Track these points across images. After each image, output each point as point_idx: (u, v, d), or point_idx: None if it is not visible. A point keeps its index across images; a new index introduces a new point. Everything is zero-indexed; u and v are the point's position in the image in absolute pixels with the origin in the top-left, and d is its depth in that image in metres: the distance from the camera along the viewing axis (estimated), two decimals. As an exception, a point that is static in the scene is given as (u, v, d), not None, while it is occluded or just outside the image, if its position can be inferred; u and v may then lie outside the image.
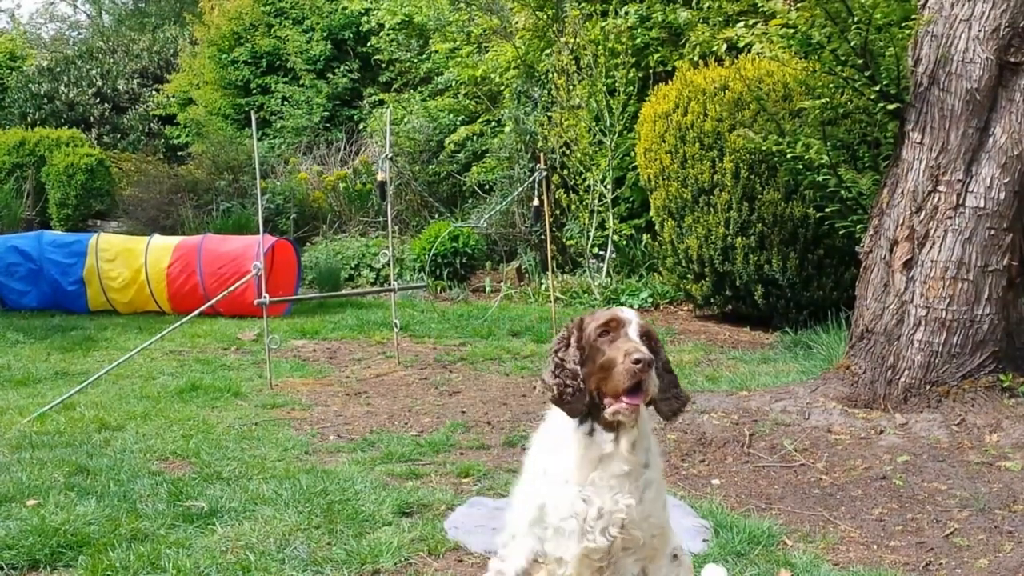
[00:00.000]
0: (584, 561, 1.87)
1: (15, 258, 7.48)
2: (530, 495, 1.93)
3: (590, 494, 1.85)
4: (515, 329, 6.66)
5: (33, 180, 12.06)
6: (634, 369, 1.75)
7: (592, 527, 1.84)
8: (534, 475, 1.95)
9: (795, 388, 4.38)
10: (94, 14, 25.42)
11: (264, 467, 3.56)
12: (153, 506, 3.08)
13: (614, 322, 1.85)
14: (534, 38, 9.33)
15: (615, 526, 1.85)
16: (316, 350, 6.18)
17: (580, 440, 1.88)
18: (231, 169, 11.33)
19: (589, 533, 1.85)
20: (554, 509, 1.87)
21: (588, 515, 1.85)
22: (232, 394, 4.83)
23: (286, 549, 2.73)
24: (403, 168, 10.26)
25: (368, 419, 4.37)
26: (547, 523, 1.90)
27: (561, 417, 1.93)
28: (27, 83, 15.43)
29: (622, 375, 1.76)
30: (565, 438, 1.90)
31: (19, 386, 5.07)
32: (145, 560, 2.62)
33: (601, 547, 1.86)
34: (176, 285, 7.31)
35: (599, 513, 1.85)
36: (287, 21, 13.52)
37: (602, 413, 1.84)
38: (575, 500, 1.85)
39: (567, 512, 1.85)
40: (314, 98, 12.81)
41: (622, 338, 1.83)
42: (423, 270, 8.66)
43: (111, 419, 4.26)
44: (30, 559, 2.67)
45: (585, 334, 1.87)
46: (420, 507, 3.11)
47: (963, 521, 3.03)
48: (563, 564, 1.91)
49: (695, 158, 6.41)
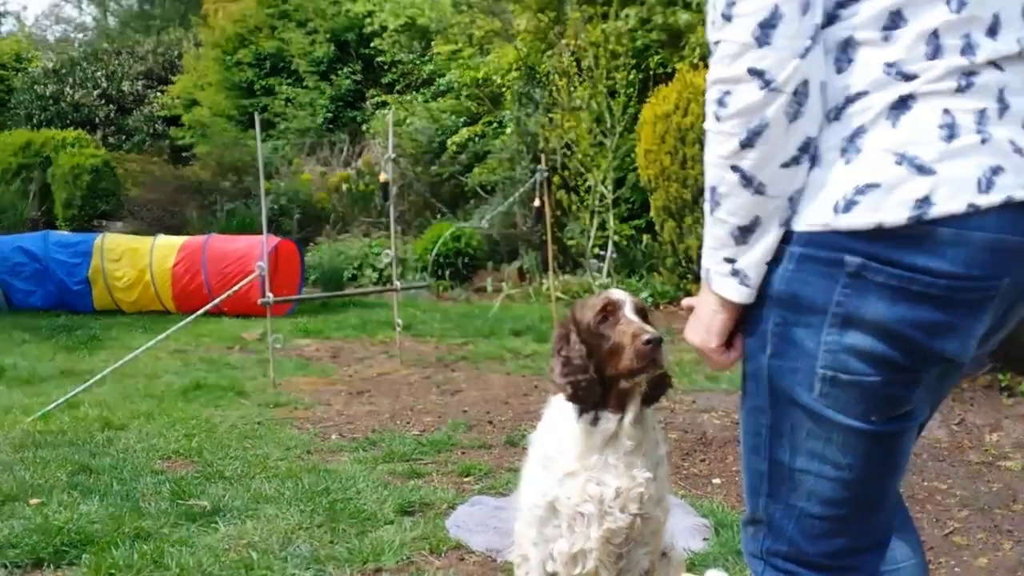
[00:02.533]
0: (605, 548, 1.84)
1: (21, 258, 7.52)
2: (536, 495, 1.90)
3: (602, 476, 1.83)
4: (517, 329, 6.67)
5: (39, 181, 12.11)
6: (646, 350, 1.73)
7: (612, 507, 1.82)
8: (537, 474, 1.92)
9: (796, 388, 4.38)
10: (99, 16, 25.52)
11: (267, 466, 3.57)
12: (156, 505, 3.10)
13: (610, 305, 1.82)
14: (535, 40, 9.35)
15: (634, 502, 1.83)
16: (319, 349, 6.20)
17: (583, 429, 1.85)
18: (235, 170, 11.39)
19: (609, 514, 1.82)
20: (567, 500, 1.84)
21: (605, 496, 1.82)
22: (235, 393, 4.85)
23: (289, 547, 2.75)
24: (406, 169, 10.30)
25: (370, 418, 4.39)
26: (560, 518, 1.86)
27: (559, 413, 1.92)
28: (33, 84, 15.51)
29: (634, 357, 1.73)
30: (567, 432, 1.88)
31: (24, 385, 5.10)
32: (148, 558, 2.64)
33: (623, 526, 1.83)
34: (181, 285, 7.34)
35: (616, 492, 1.82)
36: (291, 23, 13.56)
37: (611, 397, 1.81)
38: (587, 485, 1.82)
39: (579, 499, 1.82)
40: (317, 100, 12.85)
41: (622, 321, 1.80)
42: (425, 270, 8.68)
43: (115, 418, 4.28)
44: (34, 557, 2.68)
45: (583, 325, 1.84)
46: (422, 506, 3.12)
47: (963, 520, 3.04)
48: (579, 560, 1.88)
49: (695, 159, 6.42)
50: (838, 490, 1.19)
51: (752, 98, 1.09)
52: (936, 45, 1.09)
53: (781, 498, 1.23)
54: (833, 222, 1.10)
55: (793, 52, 1.07)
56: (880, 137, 1.09)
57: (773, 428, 1.21)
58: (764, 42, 1.07)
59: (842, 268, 1.10)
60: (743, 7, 1.07)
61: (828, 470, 1.18)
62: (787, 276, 1.14)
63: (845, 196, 1.09)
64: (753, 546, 1.29)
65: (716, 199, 1.16)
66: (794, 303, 1.14)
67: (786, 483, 1.22)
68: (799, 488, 1.21)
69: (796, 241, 1.13)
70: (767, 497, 1.25)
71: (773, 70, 1.07)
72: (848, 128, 1.10)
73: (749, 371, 1.23)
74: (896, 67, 1.09)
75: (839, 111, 1.11)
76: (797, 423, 1.18)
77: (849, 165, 1.10)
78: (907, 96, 1.09)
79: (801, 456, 1.20)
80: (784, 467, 1.21)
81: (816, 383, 1.14)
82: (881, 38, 1.10)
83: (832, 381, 1.13)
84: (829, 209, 1.10)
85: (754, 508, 1.28)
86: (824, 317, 1.12)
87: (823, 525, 1.21)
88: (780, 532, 1.25)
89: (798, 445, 1.19)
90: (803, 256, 1.12)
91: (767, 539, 1.27)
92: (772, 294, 1.16)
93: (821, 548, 1.23)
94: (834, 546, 1.22)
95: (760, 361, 1.19)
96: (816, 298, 1.12)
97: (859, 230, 1.08)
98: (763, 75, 1.08)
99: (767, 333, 1.18)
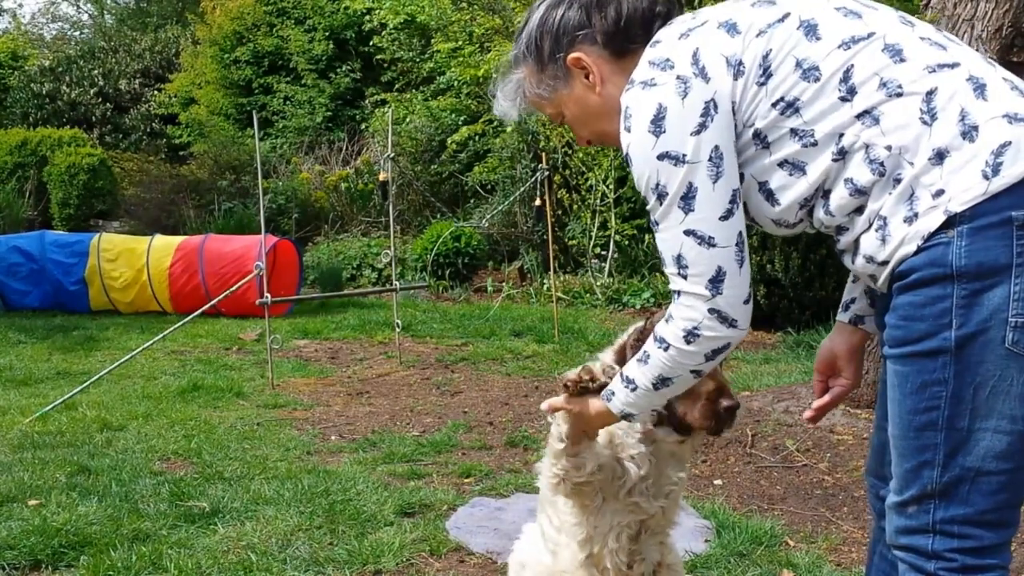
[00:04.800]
0: None
1: (17, 258, 7.49)
2: None
3: None
4: (517, 329, 6.65)
5: (35, 180, 12.06)
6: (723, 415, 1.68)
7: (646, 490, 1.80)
8: None
9: (798, 388, 4.37)
10: (96, 14, 25.45)
11: (266, 467, 3.56)
12: (155, 506, 3.09)
13: None
14: (536, 38, 9.32)
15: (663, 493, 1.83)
16: (318, 350, 6.18)
17: None
18: (233, 169, 11.34)
19: None
20: None
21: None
22: (234, 394, 4.83)
23: (288, 549, 2.73)
24: (405, 168, 10.27)
25: (370, 419, 4.37)
26: None
27: None
28: (29, 83, 15.44)
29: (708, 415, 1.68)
30: None
31: (21, 386, 5.08)
32: (147, 560, 2.62)
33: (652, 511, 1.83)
34: (178, 285, 7.31)
35: None
36: (289, 21, 13.52)
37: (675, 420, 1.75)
38: None
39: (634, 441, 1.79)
40: (316, 98, 12.81)
41: None
42: (425, 270, 8.66)
43: (113, 419, 4.26)
44: (32, 559, 2.67)
45: None
46: (422, 507, 3.11)
47: (966, 522, 3.02)
48: None
49: (697, 158, 6.40)
50: (1014, 443, 1.32)
51: (718, 331, 1.44)
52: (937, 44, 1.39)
53: (957, 463, 1.34)
54: (991, 187, 1.27)
55: (742, 298, 1.43)
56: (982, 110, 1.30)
57: (955, 397, 1.32)
58: (717, 293, 1.41)
59: (1011, 224, 1.27)
60: (693, 271, 1.42)
61: (1005, 424, 1.32)
62: (963, 251, 1.28)
63: (988, 163, 1.27)
64: (920, 522, 1.38)
65: (646, 383, 1.53)
66: (979, 271, 1.28)
67: (963, 447, 1.33)
68: (975, 449, 1.33)
69: (960, 220, 1.28)
70: (941, 468, 1.35)
71: (732, 314, 1.43)
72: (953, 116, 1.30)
73: (920, 352, 1.34)
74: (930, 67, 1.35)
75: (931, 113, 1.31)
76: (981, 383, 1.31)
77: (975, 143, 1.28)
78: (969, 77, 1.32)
79: (980, 418, 1.32)
80: (963, 432, 1.33)
81: (1009, 332, 1.29)
82: None
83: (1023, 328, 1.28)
84: (979, 180, 1.27)
85: (923, 486, 1.37)
86: (1009, 272, 1.27)
87: (997, 481, 1.33)
88: (955, 497, 1.35)
89: (979, 407, 1.32)
90: (972, 229, 1.27)
91: (938, 510, 1.36)
92: (951, 272, 1.29)
93: (994, 503, 1.34)
94: (1003, 501, 1.35)
95: (944, 336, 1.31)
96: (1000, 258, 1.27)
97: (1014, 183, 1.26)
98: (724, 317, 1.43)
99: (951, 309, 1.30)
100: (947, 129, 1.30)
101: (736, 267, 1.40)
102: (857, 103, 1.34)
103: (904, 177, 1.32)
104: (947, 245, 1.29)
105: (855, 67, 1.34)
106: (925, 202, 1.31)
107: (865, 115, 1.34)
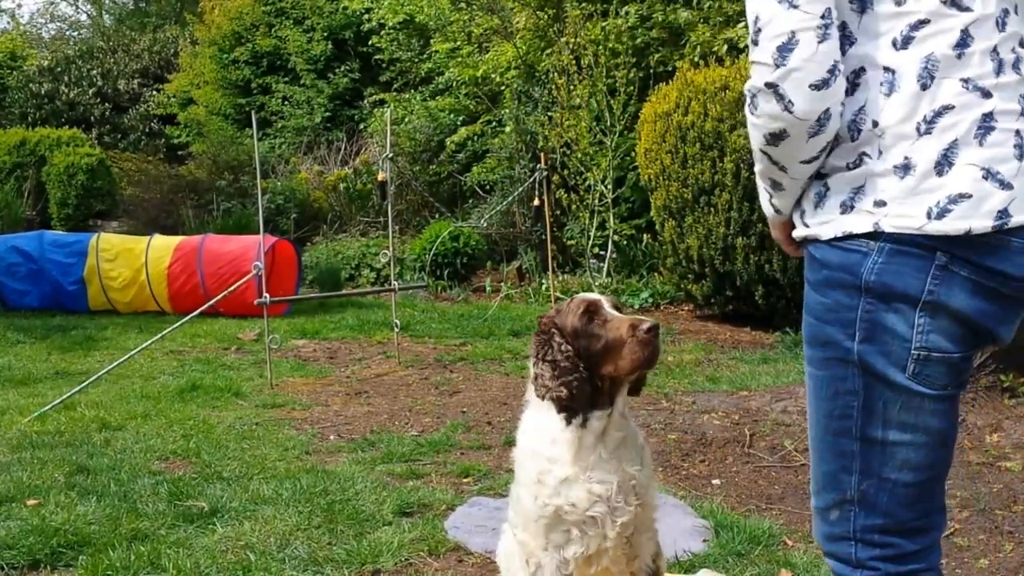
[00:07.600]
0: (619, 538, 1.89)
1: (16, 258, 7.48)
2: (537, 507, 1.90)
3: (602, 476, 1.85)
4: (516, 329, 6.66)
5: (34, 180, 12.06)
6: (649, 338, 1.75)
7: (619, 502, 1.86)
8: (532, 485, 1.92)
9: (796, 388, 4.38)
10: (95, 14, 25.44)
11: (264, 467, 3.56)
12: (153, 506, 3.09)
13: (592, 305, 1.85)
14: (535, 38, 9.33)
15: (633, 492, 1.88)
16: (316, 350, 6.18)
17: (575, 432, 1.86)
18: (232, 169, 11.33)
19: (618, 509, 1.85)
20: (572, 508, 1.86)
21: (611, 493, 1.85)
22: (232, 394, 4.83)
23: (286, 549, 2.74)
24: (404, 168, 10.27)
25: (368, 419, 4.37)
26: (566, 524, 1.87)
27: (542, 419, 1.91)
28: (28, 83, 15.44)
29: (638, 348, 1.76)
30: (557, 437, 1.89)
31: (20, 386, 5.07)
32: (145, 560, 2.63)
33: (631, 519, 1.88)
34: (177, 285, 7.31)
35: (618, 487, 1.86)
36: (288, 21, 13.51)
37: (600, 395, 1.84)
38: (591, 487, 1.85)
39: (588, 504, 1.85)
40: (315, 98, 12.81)
41: (610, 318, 1.82)
42: (423, 270, 8.66)
43: (111, 419, 4.26)
44: (30, 558, 2.67)
45: (567, 329, 1.84)
46: (420, 507, 3.11)
47: (963, 521, 3.03)
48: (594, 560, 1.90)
49: (696, 158, 6.41)
50: (929, 454, 1.33)
51: (772, 109, 1.28)
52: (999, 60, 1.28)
53: (873, 473, 1.34)
54: (927, 226, 1.25)
55: (811, 79, 1.24)
56: (971, 154, 1.25)
57: (865, 408, 1.32)
58: (781, 64, 1.25)
59: (933, 261, 1.26)
60: (766, 33, 1.26)
61: (920, 437, 1.32)
62: (877, 268, 1.28)
63: (939, 204, 1.24)
64: (841, 528, 1.38)
65: (754, 160, 1.40)
66: (886, 292, 1.28)
67: (878, 457, 1.33)
68: (892, 460, 1.33)
69: (886, 238, 1.27)
70: (859, 475, 1.35)
71: (791, 95, 1.25)
72: (943, 142, 1.25)
73: (834, 358, 1.34)
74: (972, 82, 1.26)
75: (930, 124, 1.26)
76: (890, 399, 1.31)
77: (942, 178, 1.25)
78: (988, 114, 1.26)
79: (893, 430, 1.32)
80: (877, 443, 1.33)
81: (910, 363, 1.29)
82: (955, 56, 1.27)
83: (925, 360, 1.28)
84: (922, 215, 1.25)
85: (842, 491, 1.37)
86: (916, 304, 1.27)
87: (914, 491, 1.34)
88: (874, 506, 1.35)
89: (890, 419, 1.32)
90: (894, 251, 1.27)
91: (859, 517, 1.36)
92: (860, 284, 1.29)
93: (912, 512, 1.35)
94: (921, 509, 1.35)
95: (848, 347, 1.32)
96: (909, 287, 1.27)
97: (950, 235, 1.24)
98: (781, 95, 1.26)
99: (855, 320, 1.30)
100: (929, 150, 1.26)
101: (814, 40, 1.23)
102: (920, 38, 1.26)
103: (865, 163, 1.28)
104: (864, 256, 1.28)
105: None
106: (866, 204, 1.28)
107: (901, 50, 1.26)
